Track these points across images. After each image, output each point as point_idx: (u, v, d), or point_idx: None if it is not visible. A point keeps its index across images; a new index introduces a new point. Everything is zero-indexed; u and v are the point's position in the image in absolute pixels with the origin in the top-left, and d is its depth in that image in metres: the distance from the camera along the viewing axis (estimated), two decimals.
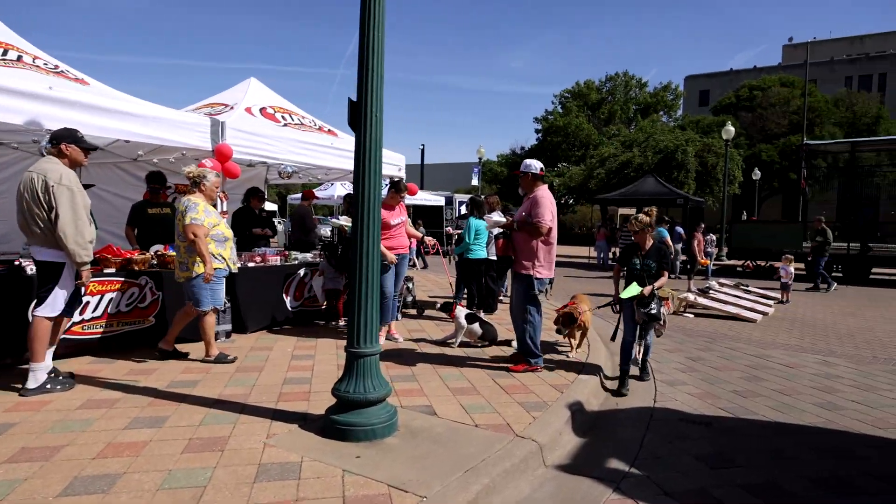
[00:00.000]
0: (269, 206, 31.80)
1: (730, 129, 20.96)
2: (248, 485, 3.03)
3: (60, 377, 4.49)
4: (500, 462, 3.56)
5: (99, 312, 5.49)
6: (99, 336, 5.56)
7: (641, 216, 5.57)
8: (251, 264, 7.04)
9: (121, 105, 5.97)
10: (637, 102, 46.82)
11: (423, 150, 39.90)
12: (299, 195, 6.98)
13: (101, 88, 6.42)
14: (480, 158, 30.96)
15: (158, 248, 6.33)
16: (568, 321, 6.04)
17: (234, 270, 5.68)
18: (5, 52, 5.60)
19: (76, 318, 5.18)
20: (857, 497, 3.32)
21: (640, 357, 5.70)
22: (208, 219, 5.12)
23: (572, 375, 5.38)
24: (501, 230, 5.83)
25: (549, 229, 5.21)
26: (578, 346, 6.39)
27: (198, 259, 5.07)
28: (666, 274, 5.50)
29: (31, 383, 4.26)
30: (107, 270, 5.58)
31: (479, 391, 4.83)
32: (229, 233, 5.60)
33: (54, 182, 4.10)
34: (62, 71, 6.18)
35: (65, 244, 4.12)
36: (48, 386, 4.32)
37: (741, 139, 33.88)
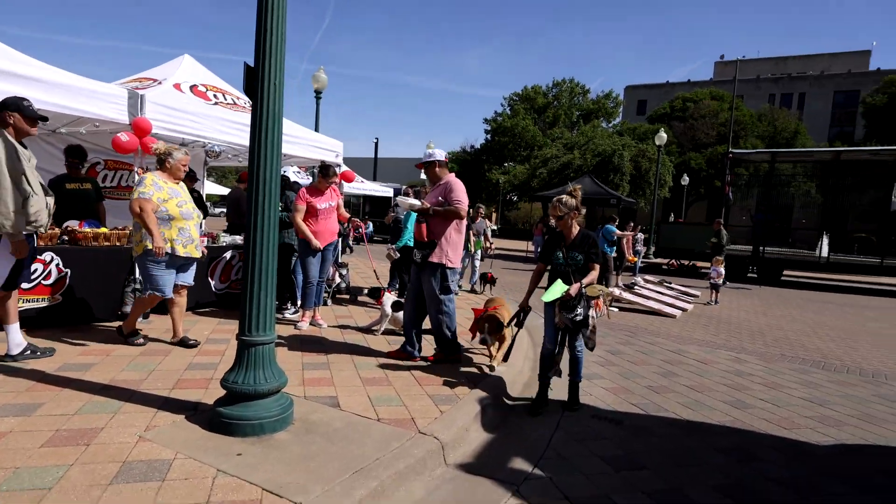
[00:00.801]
0: (219, 190, 30.56)
1: (662, 136, 21.24)
2: (100, 487, 2.51)
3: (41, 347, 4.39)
4: (395, 462, 3.13)
5: None
6: None
7: (566, 198, 4.27)
8: None
9: (27, 70, 5.21)
10: (580, 108, 47.38)
11: (376, 144, 39.20)
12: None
13: (6, 51, 5.59)
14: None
15: (72, 223, 5.67)
16: (494, 327, 4.94)
17: (188, 254, 4.83)
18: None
19: None
20: None
21: (567, 372, 4.49)
22: (158, 193, 4.56)
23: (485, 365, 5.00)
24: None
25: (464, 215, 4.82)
26: (504, 359, 4.96)
27: (145, 234, 4.57)
28: (596, 268, 4.28)
29: (11, 350, 4.22)
30: None
31: (391, 382, 4.39)
32: (178, 211, 4.75)
33: None
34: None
35: None
36: (28, 353, 4.25)
37: (673, 147, 34.67)
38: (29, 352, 4.29)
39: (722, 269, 11.34)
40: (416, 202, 4.87)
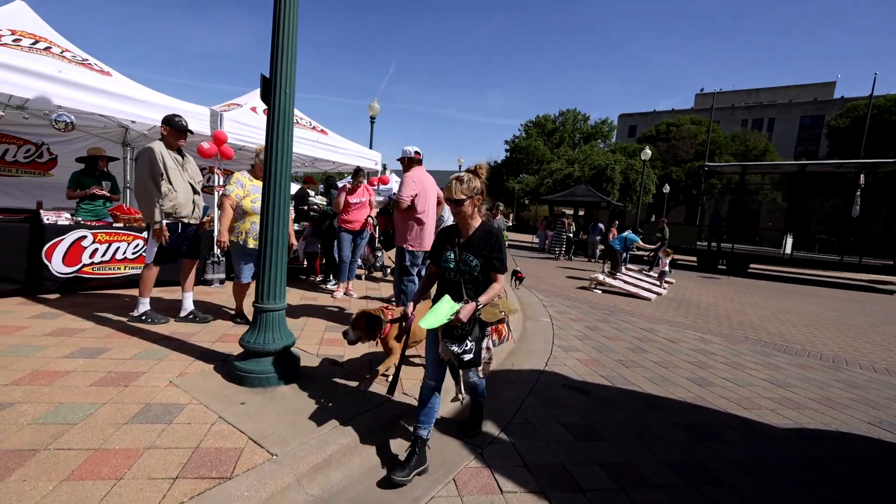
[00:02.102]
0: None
1: (647, 152, 19.92)
2: (115, 426, 2.26)
3: (159, 315, 4.00)
4: (376, 417, 2.67)
5: (108, 258, 4.80)
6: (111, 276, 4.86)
7: (467, 176, 2.33)
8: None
9: (142, 94, 5.18)
10: (581, 132, 45.74)
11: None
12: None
13: (121, 79, 5.47)
14: (460, 166, 30.35)
15: None
16: (369, 325, 2.92)
17: (250, 245, 4.00)
18: (35, 42, 4.90)
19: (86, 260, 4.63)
20: (713, 487, 2.40)
21: (462, 398, 2.70)
22: (237, 190, 3.98)
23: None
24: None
25: (413, 206, 4.07)
26: (390, 390, 2.50)
27: (236, 227, 4.10)
28: (500, 280, 2.31)
29: (134, 312, 3.96)
30: (116, 225, 4.87)
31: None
32: (251, 206, 3.97)
33: (138, 154, 3.82)
34: (87, 62, 5.18)
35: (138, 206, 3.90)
36: (144, 318, 3.91)
37: (657, 162, 32.94)
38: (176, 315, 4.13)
39: (668, 260, 10.25)
40: (380, 197, 4.24)
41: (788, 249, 14.83)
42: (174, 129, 3.84)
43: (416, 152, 4.27)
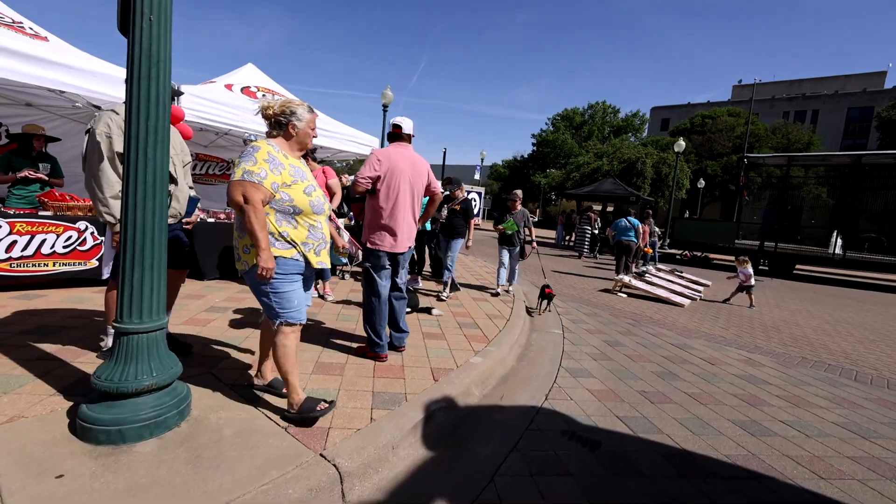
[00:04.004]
0: None
1: (681, 144, 18.31)
2: None
3: None
4: None
5: (31, 252, 4.02)
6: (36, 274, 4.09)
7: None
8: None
9: (70, 60, 4.28)
10: (611, 125, 43.50)
11: (444, 153, 38.00)
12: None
13: (59, 44, 4.67)
14: (482, 159, 29.41)
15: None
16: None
17: (322, 264, 2.38)
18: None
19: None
20: None
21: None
22: (274, 176, 2.14)
23: (466, 352, 3.49)
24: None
25: (376, 192, 3.11)
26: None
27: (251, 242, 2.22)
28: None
29: (102, 344, 3.02)
30: (43, 214, 4.07)
31: (344, 371, 3.05)
32: (307, 201, 2.25)
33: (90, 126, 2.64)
34: (21, 26, 4.48)
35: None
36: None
37: (691, 156, 30.75)
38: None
39: (750, 270, 7.81)
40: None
41: (838, 249, 13.07)
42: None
43: (396, 125, 3.32)
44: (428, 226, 6.53)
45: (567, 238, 17.99)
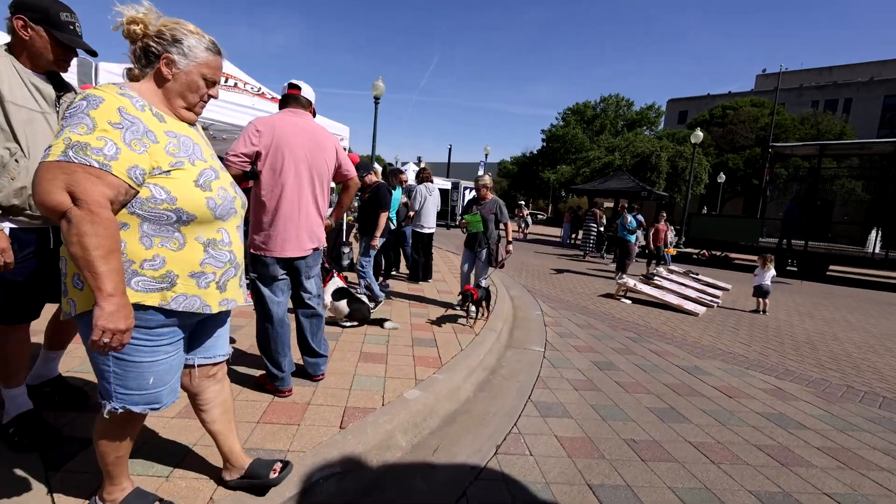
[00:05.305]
0: None
1: (698, 135, 17.14)
2: None
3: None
4: None
5: None
6: None
7: None
8: None
9: None
10: (624, 119, 42.06)
11: (450, 150, 37.24)
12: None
13: None
14: (487, 155, 28.53)
15: None
16: None
17: (227, 302, 1.45)
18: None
19: None
20: None
21: None
22: (134, 155, 1.19)
23: (406, 382, 2.66)
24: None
25: (257, 176, 2.30)
26: None
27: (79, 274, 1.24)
28: None
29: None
30: None
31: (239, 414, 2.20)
32: (202, 201, 1.32)
33: None
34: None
35: None
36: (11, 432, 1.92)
37: (710, 149, 29.27)
38: None
39: (772, 272, 6.81)
40: None
41: (877, 248, 11.85)
42: (48, 27, 1.71)
43: (293, 85, 2.47)
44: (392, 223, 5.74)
45: (573, 236, 16.99)
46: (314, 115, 2.57)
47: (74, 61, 3.61)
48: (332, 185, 2.87)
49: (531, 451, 2.38)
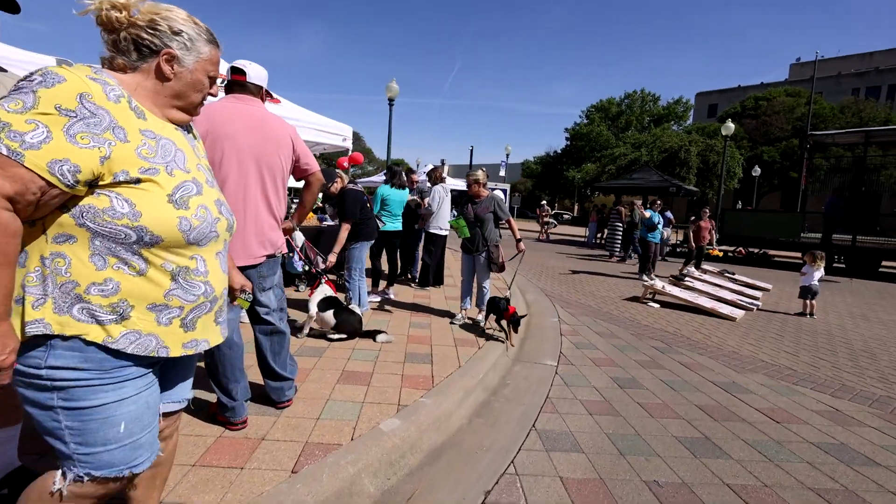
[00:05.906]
0: None
1: (729, 126, 16.15)
2: None
3: None
4: None
5: None
6: None
7: None
8: None
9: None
10: (651, 114, 40.66)
11: (471, 151, 37.07)
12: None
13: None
14: (508, 154, 28.12)
15: None
16: None
17: (196, 344, 1.13)
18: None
19: None
20: None
21: None
22: (83, 151, 0.92)
23: (387, 408, 2.25)
24: None
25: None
26: None
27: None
28: None
29: None
30: None
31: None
32: (204, 221, 1.10)
33: None
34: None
35: None
36: None
37: (744, 142, 27.85)
38: None
39: (821, 272, 6.07)
40: None
41: None
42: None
43: (237, 69, 2.14)
44: (398, 224, 5.37)
45: (598, 236, 16.27)
46: (265, 101, 2.21)
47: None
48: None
49: (527, 498, 1.94)
